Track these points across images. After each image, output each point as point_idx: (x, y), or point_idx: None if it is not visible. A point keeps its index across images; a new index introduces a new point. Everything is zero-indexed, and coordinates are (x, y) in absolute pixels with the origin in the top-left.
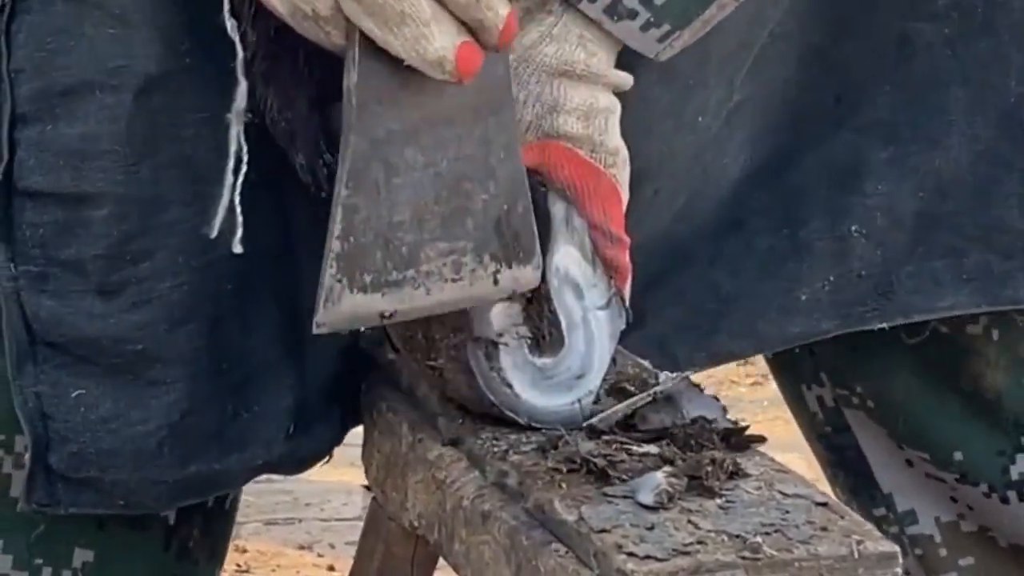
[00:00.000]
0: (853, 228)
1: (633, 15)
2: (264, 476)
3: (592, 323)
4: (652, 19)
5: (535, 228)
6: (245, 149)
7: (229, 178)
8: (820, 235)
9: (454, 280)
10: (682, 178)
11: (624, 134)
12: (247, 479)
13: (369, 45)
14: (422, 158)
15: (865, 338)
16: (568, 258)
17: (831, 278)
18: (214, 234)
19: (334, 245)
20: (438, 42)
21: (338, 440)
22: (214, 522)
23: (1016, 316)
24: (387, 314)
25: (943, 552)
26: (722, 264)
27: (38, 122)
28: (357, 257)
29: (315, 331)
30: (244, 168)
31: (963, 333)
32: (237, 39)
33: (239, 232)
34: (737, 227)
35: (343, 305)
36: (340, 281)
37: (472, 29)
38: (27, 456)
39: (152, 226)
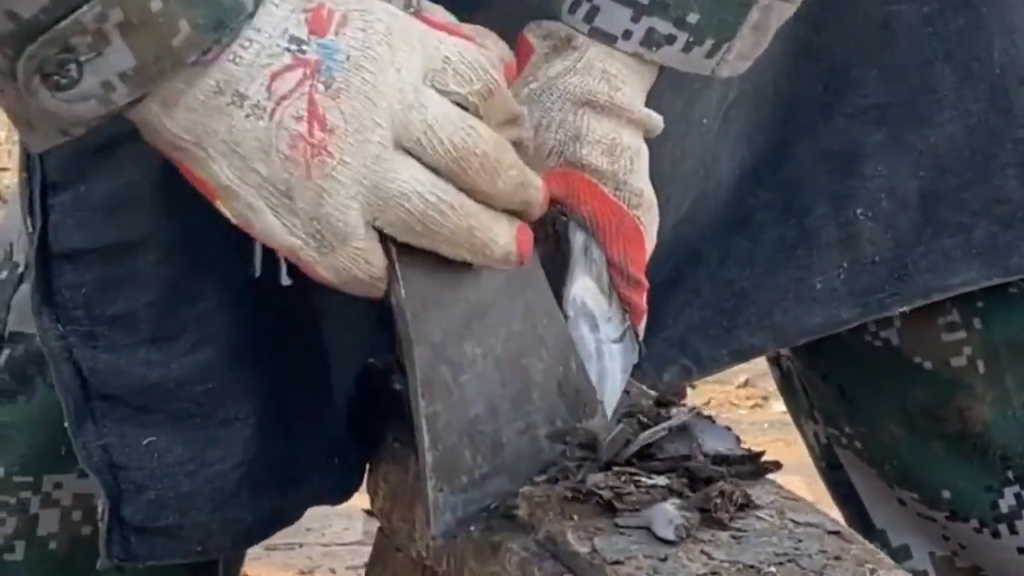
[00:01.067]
0: (859, 212)
1: (671, 40)
2: None
3: (606, 356)
4: (692, 39)
5: (591, 378)
6: None
7: None
8: (826, 222)
9: (533, 456)
10: (689, 181)
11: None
12: (303, 511)
13: (406, 259)
14: (479, 348)
15: (851, 386)
16: (585, 290)
17: (844, 264)
18: (257, 272)
19: (428, 458)
20: (502, 240)
21: (365, 464)
22: (233, 556)
23: (1002, 348)
24: (491, 506)
25: None
26: (732, 261)
27: (71, 186)
28: (449, 461)
29: (433, 546)
30: None
31: (948, 367)
32: None
33: (284, 264)
34: (742, 224)
35: (450, 512)
36: (441, 490)
37: (518, 211)
38: (101, 511)
39: (201, 264)
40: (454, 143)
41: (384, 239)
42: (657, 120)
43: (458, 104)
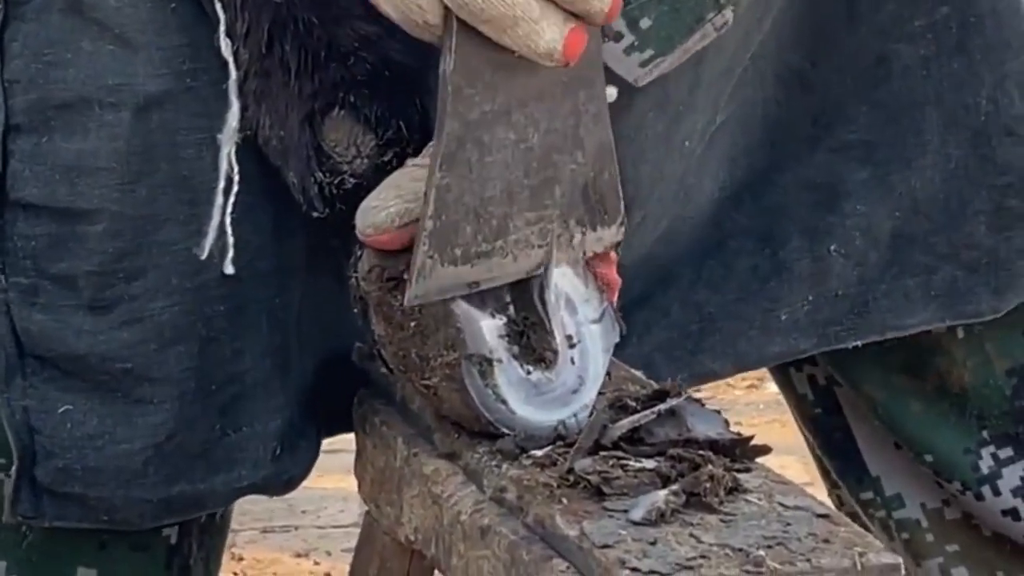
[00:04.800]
0: (832, 248)
1: (618, 37)
2: None
3: (586, 337)
4: (636, 43)
5: (620, 191)
6: (236, 170)
7: (220, 199)
8: (800, 255)
9: (540, 246)
10: (667, 202)
11: (620, 162)
12: (233, 499)
13: (465, 33)
14: (513, 135)
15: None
16: (561, 276)
17: (810, 297)
18: (204, 255)
19: (427, 224)
20: (548, 35)
21: (316, 456)
22: (207, 536)
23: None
24: (476, 282)
25: (929, 537)
26: (703, 285)
27: (33, 133)
28: (448, 233)
29: (407, 303)
30: (235, 189)
31: (927, 333)
32: (231, 59)
33: (230, 253)
34: (717, 248)
35: (434, 278)
36: (432, 257)
37: (579, 15)
38: (13, 468)
39: (146, 245)
40: None
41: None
42: None
43: None
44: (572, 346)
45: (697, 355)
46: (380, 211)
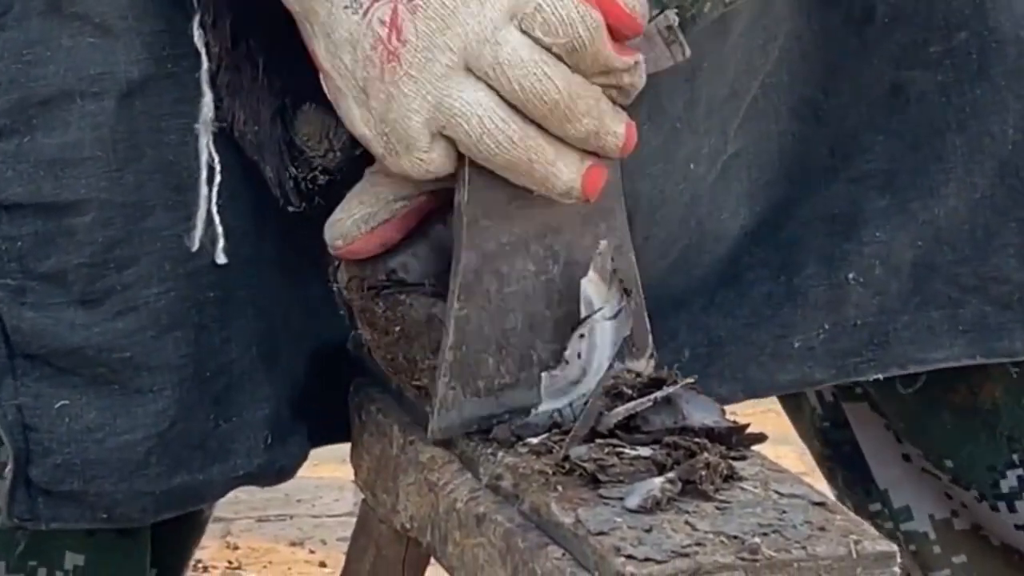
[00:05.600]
0: (850, 276)
1: None
2: None
3: (597, 332)
4: None
5: (648, 324)
6: (217, 159)
7: (204, 189)
8: (816, 282)
9: None
10: (675, 228)
11: None
12: (228, 490)
13: (478, 167)
14: (532, 267)
15: None
16: (588, 282)
17: (826, 326)
18: (195, 246)
19: (448, 356)
20: (565, 175)
21: (306, 454)
22: (187, 521)
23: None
24: (500, 416)
25: (937, 549)
26: (715, 310)
27: (15, 134)
28: (470, 364)
29: (429, 438)
30: (218, 178)
31: None
32: (203, 48)
33: (220, 243)
34: (734, 279)
35: (456, 411)
36: (454, 388)
37: (594, 152)
38: (8, 469)
39: (136, 232)
40: (522, 85)
41: None
42: None
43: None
44: (581, 342)
45: (704, 380)
46: (345, 221)
